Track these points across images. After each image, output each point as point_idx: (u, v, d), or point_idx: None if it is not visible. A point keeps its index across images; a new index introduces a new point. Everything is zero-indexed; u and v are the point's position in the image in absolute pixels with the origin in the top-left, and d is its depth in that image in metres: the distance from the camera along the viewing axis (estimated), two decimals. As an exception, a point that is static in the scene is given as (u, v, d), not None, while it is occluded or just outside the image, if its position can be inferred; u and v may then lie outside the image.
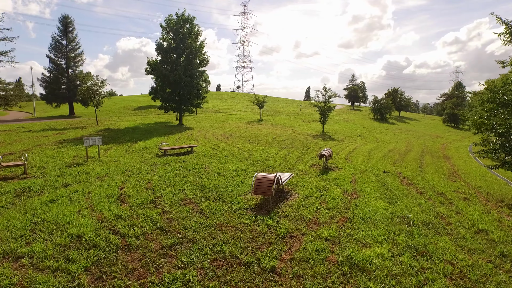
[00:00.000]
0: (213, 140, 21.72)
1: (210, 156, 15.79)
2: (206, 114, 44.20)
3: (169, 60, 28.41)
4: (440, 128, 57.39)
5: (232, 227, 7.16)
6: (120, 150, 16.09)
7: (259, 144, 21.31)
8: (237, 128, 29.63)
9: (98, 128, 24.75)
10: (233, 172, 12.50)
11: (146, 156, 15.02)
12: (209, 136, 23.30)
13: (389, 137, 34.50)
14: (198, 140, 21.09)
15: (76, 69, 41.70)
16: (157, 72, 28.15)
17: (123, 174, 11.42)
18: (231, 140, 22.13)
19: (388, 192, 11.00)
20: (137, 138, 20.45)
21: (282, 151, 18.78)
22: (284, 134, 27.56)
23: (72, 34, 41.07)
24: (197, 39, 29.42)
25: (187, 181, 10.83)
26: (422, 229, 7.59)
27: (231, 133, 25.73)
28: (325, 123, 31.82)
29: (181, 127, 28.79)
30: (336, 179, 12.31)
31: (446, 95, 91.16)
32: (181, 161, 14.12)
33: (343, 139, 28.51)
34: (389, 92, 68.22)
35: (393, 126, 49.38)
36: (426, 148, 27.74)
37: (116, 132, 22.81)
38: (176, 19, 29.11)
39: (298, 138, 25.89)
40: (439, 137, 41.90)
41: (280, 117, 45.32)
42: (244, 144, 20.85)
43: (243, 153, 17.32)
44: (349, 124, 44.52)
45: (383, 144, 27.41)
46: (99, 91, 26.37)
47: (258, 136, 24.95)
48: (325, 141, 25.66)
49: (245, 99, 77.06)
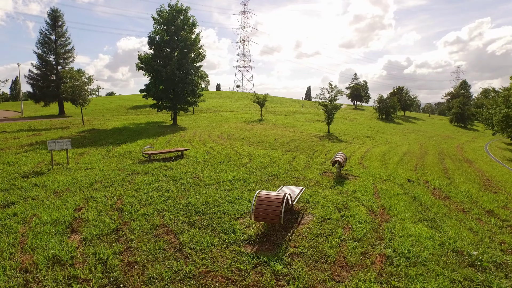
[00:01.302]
0: (208, 142, 19.39)
1: (202, 161, 13.46)
2: (204, 113, 41.87)
3: (162, 55, 26.08)
4: (448, 128, 55.06)
5: (223, 279, 4.82)
6: (97, 155, 13.74)
7: (260, 147, 18.98)
8: (236, 128, 27.31)
9: (82, 129, 22.42)
10: (229, 183, 10.17)
11: (126, 162, 12.69)
12: (204, 138, 20.97)
13: (399, 138, 32.17)
14: (192, 142, 18.76)
15: (66, 65, 39.38)
16: (149, 67, 25.82)
17: (89, 187, 9.09)
18: (228, 142, 19.80)
19: (424, 210, 8.68)
20: (122, 140, 18.11)
21: (287, 155, 16.45)
22: (287, 135, 25.24)
23: (61, 29, 38.75)
24: (192, 31, 27.07)
25: (169, 196, 8.50)
26: (497, 275, 5.27)
27: (229, 134, 23.40)
28: (331, 123, 29.51)
29: (174, 127, 26.46)
30: (356, 192, 9.99)
31: (451, 94, 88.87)
32: (167, 168, 11.79)
33: (352, 141, 26.19)
34: (394, 91, 65.84)
35: (400, 126, 47.06)
36: (441, 150, 25.42)
37: (101, 133, 20.47)
38: (168, 10, 26.78)
39: (302, 139, 23.56)
40: (450, 137, 39.57)
41: (281, 117, 43.00)
42: (243, 146, 18.52)
43: (242, 157, 15.00)
44: (354, 124, 42.19)
45: (395, 146, 25.09)
46: (84, 89, 24.02)
47: (259, 138, 22.63)
48: (333, 143, 23.34)
49: (245, 98, 74.73)
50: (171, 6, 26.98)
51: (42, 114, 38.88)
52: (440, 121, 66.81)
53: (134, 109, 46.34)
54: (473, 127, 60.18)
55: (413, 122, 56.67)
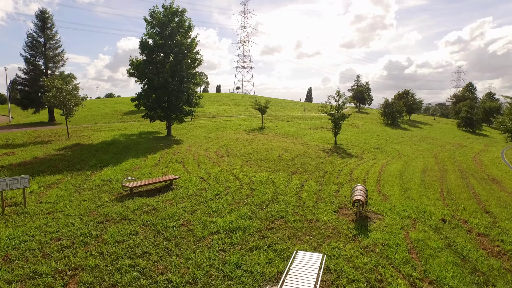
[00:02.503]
0: (204, 161, 17.23)
1: (195, 195, 11.30)
2: (202, 120, 39.72)
3: (154, 60, 23.91)
4: (457, 133, 52.83)
5: None
6: (69, 187, 11.58)
7: (262, 167, 16.81)
8: (236, 140, 25.14)
9: (65, 144, 20.26)
10: (225, 236, 8.01)
11: (102, 198, 10.52)
12: (200, 155, 18.81)
13: (410, 149, 29.99)
14: (185, 163, 16.59)
15: (56, 70, 37.22)
16: (141, 74, 23.65)
17: (40, 250, 6.92)
18: (227, 161, 17.65)
19: (483, 285, 6.53)
20: (106, 161, 15.93)
21: (293, 181, 14.28)
22: (291, 148, 23.07)
23: (51, 31, 36.61)
24: (188, 35, 24.89)
25: (144, 268, 6.35)
26: None
27: (227, 149, 21.23)
28: (337, 133, 27.31)
29: (169, 139, 24.30)
30: (386, 247, 7.84)
31: (457, 96, 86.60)
32: (150, 209, 9.62)
33: (362, 154, 24.01)
34: (400, 95, 63.49)
35: (408, 133, 44.86)
36: (460, 165, 23.27)
37: (84, 151, 18.32)
38: (163, 12, 24.60)
39: (308, 154, 21.40)
40: (462, 146, 37.39)
41: (283, 123, 40.83)
42: (244, 167, 16.36)
43: (242, 186, 12.84)
44: (360, 131, 39.99)
45: (409, 161, 22.91)
46: (68, 98, 21.83)
47: (261, 153, 20.47)
48: (342, 159, 21.16)
49: (245, 101, 72.60)
50: (165, 7, 24.80)
51: (31, 121, 36.81)
52: (447, 125, 64.61)
53: (129, 114, 44.21)
54: (482, 132, 58.01)
55: (420, 128, 54.48)
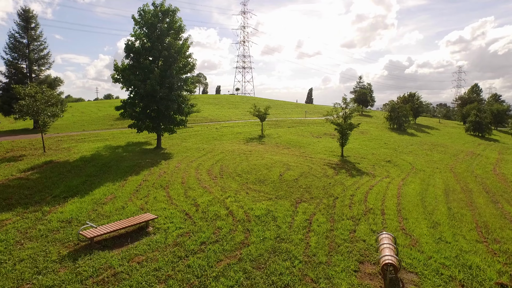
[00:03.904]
0: (193, 185, 14.74)
1: (174, 245, 8.82)
2: (198, 126, 37.21)
3: (141, 65, 21.39)
4: (466, 139, 50.32)
5: None
6: (13, 233, 9.09)
7: (261, 193, 14.33)
8: (232, 153, 22.66)
9: (36, 161, 17.76)
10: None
11: (50, 255, 8.04)
12: (190, 176, 16.33)
13: (423, 160, 27.50)
14: (170, 188, 14.10)
15: (41, 73, 34.82)
16: (126, 80, 21.15)
17: None
18: (220, 184, 15.16)
19: None
20: (75, 188, 13.43)
21: (299, 215, 11.80)
22: (293, 164, 20.58)
23: (35, 31, 34.18)
24: (179, 36, 22.39)
25: None
26: None
27: (222, 166, 18.75)
28: (345, 144, 24.81)
29: (157, 153, 21.82)
30: None
31: (462, 99, 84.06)
32: (110, 275, 7.14)
33: (372, 170, 21.51)
34: (405, 98, 60.84)
35: (416, 139, 42.37)
36: (483, 181, 20.81)
37: (54, 172, 15.82)
38: (152, 11, 22.09)
39: (314, 172, 18.91)
40: (476, 154, 34.91)
41: (284, 130, 38.34)
42: (239, 194, 13.87)
43: (235, 226, 10.37)
44: (366, 138, 37.48)
45: (426, 178, 20.43)
46: (42, 108, 19.31)
47: (259, 171, 17.99)
48: (352, 177, 18.67)
49: (244, 103, 70.15)
50: (155, 5, 22.29)
51: (15, 128, 34.39)
52: (454, 129, 62.08)
53: (120, 119, 41.67)
54: (492, 137, 55.53)
55: (427, 133, 51.98)
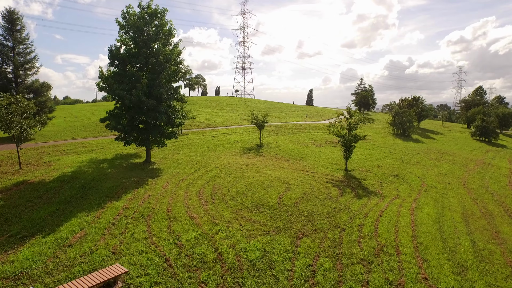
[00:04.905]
0: (179, 215, 12.91)
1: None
2: (194, 134, 35.37)
3: (127, 73, 19.55)
4: (473, 145, 48.50)
5: None
6: None
7: (256, 225, 12.51)
8: (227, 168, 20.84)
9: (10, 181, 15.93)
10: None
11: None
12: (177, 201, 14.51)
13: (432, 173, 25.70)
14: (152, 220, 12.28)
15: (27, 78, 32.98)
16: (110, 90, 19.32)
17: None
18: (210, 213, 13.35)
19: None
20: (41, 221, 11.59)
21: (300, 257, 9.98)
22: (294, 181, 18.77)
23: (20, 34, 32.33)
24: (168, 41, 20.56)
25: None
26: None
27: (214, 186, 16.94)
28: (349, 157, 22.97)
29: (145, 168, 20.00)
30: None
31: (466, 101, 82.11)
32: None
33: (380, 187, 19.69)
34: (410, 102, 58.89)
35: (422, 146, 40.57)
36: (501, 200, 19.04)
37: (23, 198, 13.99)
38: (139, 13, 20.25)
39: (316, 193, 17.11)
40: (486, 164, 33.12)
41: (284, 137, 36.51)
42: (232, 227, 12.05)
43: (224, 277, 8.55)
44: (370, 146, 35.64)
45: (440, 198, 18.64)
46: (16, 121, 17.47)
47: (256, 192, 16.18)
48: (359, 199, 16.84)
49: (243, 106, 68.36)
50: (142, 7, 20.44)
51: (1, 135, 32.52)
52: (459, 134, 60.24)
53: (113, 126, 39.90)
54: (498, 142, 53.75)
55: (432, 138, 50.16)
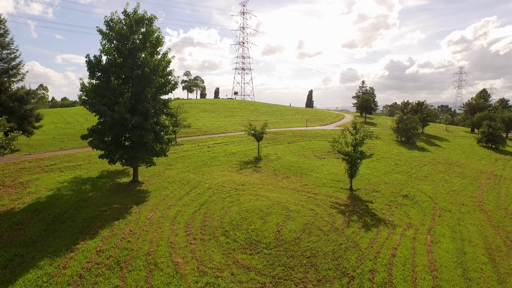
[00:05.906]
0: (160, 262, 11.04)
1: None
2: (189, 144, 33.48)
3: (110, 86, 17.67)
4: (480, 152, 46.67)
5: None
6: None
7: (251, 272, 10.65)
8: (222, 189, 18.97)
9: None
10: None
11: None
12: (161, 238, 12.64)
13: (443, 191, 23.86)
14: (127, 270, 10.41)
15: (12, 85, 31.10)
16: (90, 104, 17.45)
17: None
18: (198, 254, 11.49)
19: None
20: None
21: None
22: (294, 208, 16.92)
23: (4, 38, 30.41)
24: (156, 50, 18.70)
25: None
26: None
27: (205, 215, 15.08)
28: (354, 175, 21.09)
29: (131, 190, 18.14)
30: None
31: (470, 105, 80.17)
32: None
33: (390, 213, 17.84)
34: (414, 108, 56.99)
35: (428, 156, 38.71)
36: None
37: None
38: (124, 20, 18.37)
39: (319, 222, 15.25)
40: (497, 176, 31.30)
41: (284, 147, 34.65)
42: (221, 279, 10.18)
43: None
44: (375, 157, 33.65)
45: (459, 228, 16.80)
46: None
47: (252, 223, 14.33)
48: (368, 231, 15.00)
49: (242, 110, 66.53)
50: (127, 13, 18.57)
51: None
52: (465, 140, 58.38)
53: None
54: (506, 149, 51.96)
55: (438, 146, 48.30)
